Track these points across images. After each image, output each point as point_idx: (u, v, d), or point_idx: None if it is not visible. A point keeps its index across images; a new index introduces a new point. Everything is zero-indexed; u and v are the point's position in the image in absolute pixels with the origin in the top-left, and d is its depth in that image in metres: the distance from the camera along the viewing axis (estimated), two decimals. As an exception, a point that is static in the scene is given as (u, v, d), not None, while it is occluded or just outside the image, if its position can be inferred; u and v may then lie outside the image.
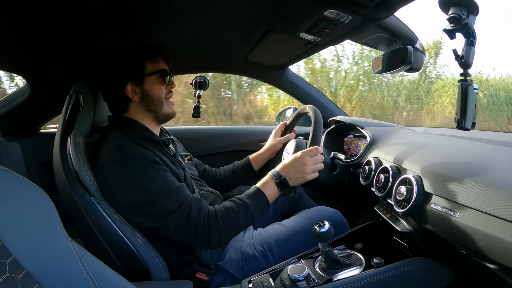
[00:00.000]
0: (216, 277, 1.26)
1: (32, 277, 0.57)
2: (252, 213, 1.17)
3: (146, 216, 1.10)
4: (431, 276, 1.16)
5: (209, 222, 1.11)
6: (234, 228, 1.16)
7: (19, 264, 0.56)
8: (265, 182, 1.25)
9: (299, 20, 1.20)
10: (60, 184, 1.18)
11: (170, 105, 1.33)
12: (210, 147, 2.24)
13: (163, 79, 1.28)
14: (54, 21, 1.11)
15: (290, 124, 1.76)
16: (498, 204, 0.77)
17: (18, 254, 0.56)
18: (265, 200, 1.21)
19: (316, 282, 1.14)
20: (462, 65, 0.92)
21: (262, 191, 1.22)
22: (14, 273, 0.54)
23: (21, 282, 0.55)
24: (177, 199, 1.11)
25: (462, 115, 0.93)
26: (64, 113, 1.26)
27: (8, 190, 0.59)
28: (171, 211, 1.08)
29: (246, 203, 1.18)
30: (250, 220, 1.18)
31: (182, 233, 1.10)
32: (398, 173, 1.19)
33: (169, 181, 1.13)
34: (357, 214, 1.97)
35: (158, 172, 1.12)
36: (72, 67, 1.55)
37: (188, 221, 1.09)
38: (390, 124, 1.89)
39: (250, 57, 1.77)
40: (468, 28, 0.90)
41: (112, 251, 1.14)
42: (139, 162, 1.10)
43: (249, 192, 1.23)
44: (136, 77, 1.24)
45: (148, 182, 1.08)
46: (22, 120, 1.91)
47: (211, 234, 1.11)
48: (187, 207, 1.11)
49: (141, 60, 1.25)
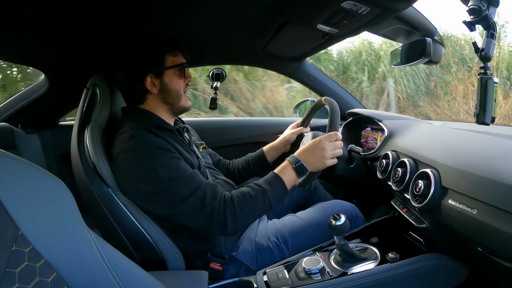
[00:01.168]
0: (230, 267, 1.27)
1: (51, 265, 0.58)
2: (270, 199, 1.16)
3: (161, 204, 1.10)
4: (446, 273, 1.15)
5: (224, 207, 1.11)
6: (251, 214, 1.15)
7: (38, 253, 0.57)
8: (283, 167, 1.25)
9: (316, 12, 1.19)
10: (78, 176, 1.21)
11: (187, 99, 1.33)
12: (225, 139, 2.25)
13: (182, 73, 1.29)
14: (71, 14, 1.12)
15: (306, 118, 1.75)
16: None
17: (37, 243, 0.58)
18: (283, 185, 1.20)
19: (330, 275, 1.14)
20: (482, 58, 0.90)
21: (279, 176, 1.21)
22: (33, 262, 0.56)
23: (39, 270, 0.56)
24: (191, 185, 1.11)
25: (481, 109, 0.90)
26: (81, 106, 1.28)
27: (28, 181, 0.61)
28: (185, 197, 1.09)
29: (263, 188, 1.17)
30: (268, 206, 1.17)
31: (197, 219, 1.11)
32: (415, 167, 1.17)
33: (182, 168, 1.13)
34: (373, 207, 1.96)
35: (171, 159, 1.13)
36: (89, 61, 1.57)
37: (203, 207, 1.09)
38: (408, 117, 1.86)
39: (267, 48, 1.76)
40: (488, 20, 0.87)
41: (128, 241, 1.16)
42: (151, 150, 1.11)
43: (267, 178, 1.22)
44: (157, 69, 1.24)
45: (161, 170, 1.09)
46: (41, 113, 1.95)
47: (227, 220, 1.10)
48: (201, 193, 1.11)
49: (161, 52, 1.25)
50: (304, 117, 1.75)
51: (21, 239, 0.56)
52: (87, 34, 1.28)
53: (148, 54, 1.24)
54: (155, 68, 1.24)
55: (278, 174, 1.22)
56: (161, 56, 1.25)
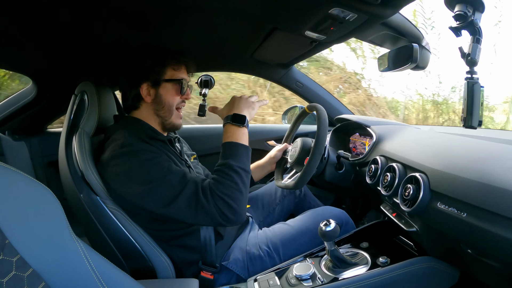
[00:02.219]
0: (221, 277, 1.26)
1: (39, 275, 0.57)
2: (240, 167, 1.15)
3: (156, 201, 1.08)
4: (437, 276, 1.15)
5: (213, 199, 1.08)
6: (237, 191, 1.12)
7: (25, 262, 0.56)
8: (224, 132, 1.24)
9: (304, 19, 1.20)
10: (65, 184, 1.19)
11: (178, 116, 1.32)
12: (215, 145, 2.24)
13: (179, 88, 1.28)
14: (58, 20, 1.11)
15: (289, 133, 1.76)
16: (505, 203, 0.77)
17: (24, 252, 0.57)
18: (237, 145, 1.19)
19: (321, 281, 1.13)
20: (468, 63, 0.92)
21: (228, 141, 1.20)
22: (21, 271, 0.55)
23: (27, 280, 0.55)
24: (183, 180, 1.10)
25: (468, 113, 0.92)
26: (69, 113, 1.27)
27: (15, 189, 0.60)
28: (178, 191, 1.07)
29: (223, 163, 1.15)
30: (244, 174, 1.15)
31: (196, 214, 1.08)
32: (404, 172, 1.18)
33: (173, 168, 1.12)
34: (363, 213, 1.97)
35: (163, 161, 1.12)
36: (77, 67, 1.56)
37: (198, 200, 1.07)
38: (396, 123, 1.88)
39: (255, 55, 1.77)
40: (474, 25, 0.89)
41: (118, 249, 1.15)
42: (144, 154, 1.10)
43: (221, 153, 1.20)
44: (154, 78, 1.24)
45: (154, 168, 1.08)
46: (29, 120, 1.92)
47: (222, 209, 1.08)
48: (194, 186, 1.09)
49: (163, 63, 1.25)
50: (288, 132, 1.75)
51: (8, 248, 0.55)
52: (75, 39, 1.27)
53: (149, 62, 1.24)
54: (153, 77, 1.24)
55: (226, 141, 1.21)
56: (162, 66, 1.25)
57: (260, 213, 1.68)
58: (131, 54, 1.27)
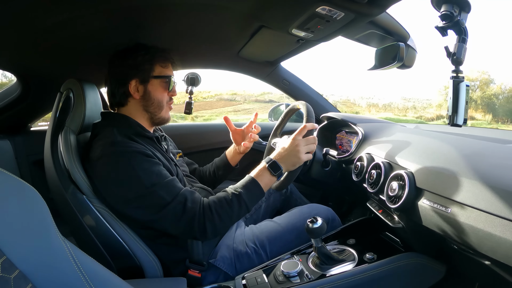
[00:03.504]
0: (208, 275, 1.26)
1: (25, 276, 0.56)
2: (246, 202, 1.16)
3: (142, 209, 1.09)
4: (424, 271, 1.17)
5: (204, 213, 1.11)
6: (229, 218, 1.15)
7: (11, 263, 0.55)
8: (259, 169, 1.24)
9: (291, 17, 1.20)
10: (51, 183, 1.17)
11: (167, 110, 1.34)
12: (202, 144, 2.24)
13: (167, 85, 1.29)
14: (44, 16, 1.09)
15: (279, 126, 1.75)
16: (488, 199, 0.78)
17: (10, 253, 0.56)
18: (259, 188, 1.20)
19: (309, 278, 1.14)
20: (454, 62, 0.93)
21: (254, 179, 1.21)
22: (7, 273, 0.54)
23: (14, 282, 0.54)
24: (172, 190, 1.10)
25: (454, 111, 0.93)
26: (55, 111, 1.25)
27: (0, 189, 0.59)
28: (167, 202, 1.08)
29: (238, 192, 1.17)
30: (244, 209, 1.17)
31: (178, 225, 1.10)
32: (390, 169, 1.20)
33: (163, 174, 1.13)
34: (349, 210, 1.98)
35: (152, 165, 1.12)
36: (63, 64, 1.53)
37: (184, 211, 1.09)
38: (382, 121, 1.90)
39: (242, 53, 1.76)
40: (460, 25, 0.91)
41: (105, 249, 1.14)
42: (133, 155, 1.10)
43: (243, 181, 1.22)
44: (143, 75, 1.25)
45: (143, 175, 1.08)
46: (13, 118, 1.89)
47: (206, 225, 1.10)
48: (182, 198, 1.10)
49: (152, 60, 1.26)
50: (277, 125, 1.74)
51: None
52: (60, 37, 1.25)
53: (139, 59, 1.24)
54: (141, 74, 1.24)
55: (253, 177, 1.22)
56: (150, 64, 1.26)
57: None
58: (119, 51, 1.27)
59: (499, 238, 0.74)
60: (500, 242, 0.74)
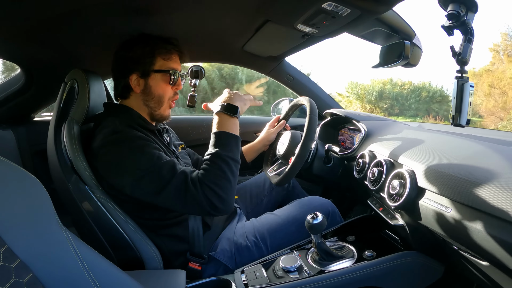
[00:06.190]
0: (208, 267, 1.26)
1: (26, 266, 0.57)
2: (228, 156, 1.14)
3: (145, 189, 1.08)
4: (422, 270, 1.18)
5: (202, 188, 1.07)
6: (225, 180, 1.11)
7: (13, 253, 0.56)
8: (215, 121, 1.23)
9: (297, 12, 1.20)
10: (54, 173, 1.18)
11: (167, 108, 1.31)
12: (204, 136, 2.23)
13: (169, 79, 1.26)
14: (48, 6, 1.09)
15: (284, 117, 1.76)
16: (490, 201, 0.78)
17: (11, 243, 0.56)
18: (227, 134, 1.19)
19: (308, 273, 1.15)
20: (459, 62, 0.93)
21: (217, 131, 1.20)
22: (8, 262, 0.54)
23: (15, 271, 0.55)
24: (172, 169, 1.09)
25: (457, 111, 0.93)
26: (59, 101, 1.25)
27: (2, 178, 0.59)
28: (167, 180, 1.06)
29: (213, 153, 1.15)
30: (232, 163, 1.15)
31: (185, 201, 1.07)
32: (391, 167, 1.20)
33: (163, 156, 1.12)
34: (350, 206, 1.99)
35: (152, 149, 1.11)
36: (67, 54, 1.53)
37: (187, 188, 1.07)
38: (385, 118, 1.90)
39: (247, 47, 1.76)
40: (466, 25, 0.90)
41: (105, 240, 1.14)
42: (133, 140, 1.10)
43: (211, 141, 1.20)
44: (143, 69, 1.23)
45: (144, 157, 1.07)
46: (16, 108, 1.89)
47: (211, 198, 1.07)
48: (183, 175, 1.09)
49: (152, 53, 1.23)
50: (283, 116, 1.76)
51: None
52: (65, 27, 1.24)
53: (139, 52, 1.22)
54: (141, 68, 1.23)
55: (216, 130, 1.21)
56: (151, 57, 1.23)
57: (248, 204, 1.69)
58: (122, 43, 1.26)
59: (498, 240, 0.74)
60: (499, 244, 0.74)
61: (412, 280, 1.19)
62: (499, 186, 0.79)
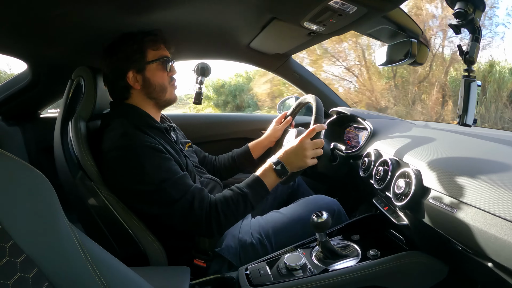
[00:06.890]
0: (213, 264, 1.27)
1: (32, 261, 0.57)
2: (251, 202, 1.18)
3: (149, 204, 1.11)
4: (427, 270, 1.17)
5: (210, 212, 1.13)
6: (234, 217, 1.18)
7: (19, 248, 0.56)
8: (264, 169, 1.26)
9: (303, 9, 1.19)
10: (60, 169, 1.19)
11: (172, 90, 1.34)
12: (211, 134, 2.24)
13: (165, 66, 1.29)
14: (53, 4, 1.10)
15: (291, 114, 1.76)
16: (496, 202, 0.78)
17: (18, 238, 0.56)
18: (264, 188, 1.22)
19: (312, 272, 1.15)
20: (466, 61, 0.92)
21: (260, 179, 1.22)
22: (14, 257, 0.55)
23: (20, 266, 0.55)
24: (181, 188, 1.12)
25: (464, 111, 0.92)
26: (66, 98, 1.26)
27: (9, 174, 0.59)
28: (175, 200, 1.10)
29: (244, 193, 1.18)
30: (250, 209, 1.19)
31: (186, 222, 1.12)
32: (397, 166, 1.19)
33: (173, 170, 1.14)
34: (355, 205, 1.98)
35: (162, 161, 1.13)
36: (74, 51, 1.54)
37: (191, 210, 1.11)
38: (392, 117, 1.89)
39: (253, 44, 1.76)
40: (474, 24, 0.89)
41: (111, 236, 1.15)
42: (144, 150, 1.11)
43: (248, 181, 1.23)
44: (138, 64, 1.25)
45: (153, 171, 1.09)
46: (23, 105, 1.91)
47: (212, 224, 1.12)
48: (191, 197, 1.12)
49: (142, 47, 1.25)
50: (289, 113, 1.76)
51: (1, 234, 0.54)
52: (71, 23, 1.25)
53: (128, 50, 1.24)
54: (136, 64, 1.24)
55: (259, 177, 1.23)
56: (142, 51, 1.25)
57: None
58: (105, 48, 1.28)
59: (503, 241, 0.73)
60: (504, 245, 0.73)
61: (416, 280, 1.18)
62: (505, 187, 0.78)
